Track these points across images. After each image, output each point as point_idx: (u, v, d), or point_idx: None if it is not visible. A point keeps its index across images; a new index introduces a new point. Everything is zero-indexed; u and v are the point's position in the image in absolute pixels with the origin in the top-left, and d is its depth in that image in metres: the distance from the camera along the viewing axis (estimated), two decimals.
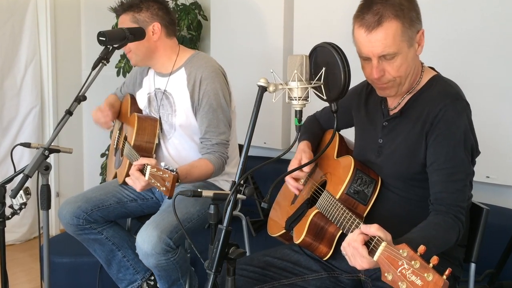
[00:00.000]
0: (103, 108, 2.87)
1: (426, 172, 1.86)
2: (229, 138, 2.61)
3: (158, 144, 2.73)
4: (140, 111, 2.86)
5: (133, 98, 2.93)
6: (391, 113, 1.98)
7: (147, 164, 2.17)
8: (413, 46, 1.84)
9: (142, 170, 2.22)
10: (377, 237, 1.52)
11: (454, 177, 1.80)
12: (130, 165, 2.59)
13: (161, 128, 2.73)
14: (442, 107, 1.81)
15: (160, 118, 2.72)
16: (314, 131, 2.35)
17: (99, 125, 2.91)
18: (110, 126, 2.92)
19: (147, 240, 2.38)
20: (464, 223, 1.80)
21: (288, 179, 2.18)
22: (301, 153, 2.18)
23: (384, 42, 1.78)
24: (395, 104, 1.97)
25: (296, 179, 2.18)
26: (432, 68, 1.99)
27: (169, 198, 2.08)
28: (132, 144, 2.63)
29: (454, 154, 1.80)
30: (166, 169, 2.10)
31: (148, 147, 2.66)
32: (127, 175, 2.58)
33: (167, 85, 2.68)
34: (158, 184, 2.10)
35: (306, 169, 2.16)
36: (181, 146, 2.71)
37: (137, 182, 2.24)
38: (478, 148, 1.89)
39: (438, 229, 1.73)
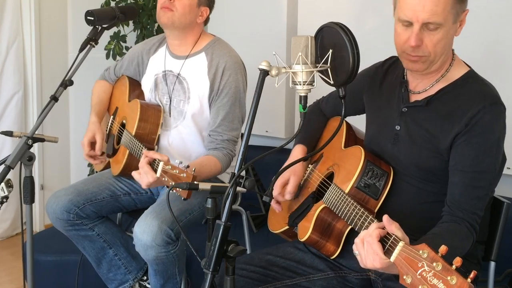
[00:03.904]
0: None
1: (447, 169, 1.86)
2: (239, 135, 2.64)
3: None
4: (141, 93, 2.85)
5: (131, 80, 2.91)
6: (413, 98, 1.97)
7: (159, 160, 2.14)
8: (456, 24, 1.87)
9: (151, 165, 2.19)
10: (394, 235, 1.51)
11: (477, 183, 1.81)
12: (130, 155, 2.62)
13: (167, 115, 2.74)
14: (481, 108, 1.82)
15: (170, 102, 2.71)
16: (314, 127, 2.34)
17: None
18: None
19: (147, 230, 2.38)
20: (478, 232, 1.82)
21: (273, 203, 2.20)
22: (290, 172, 2.17)
23: (434, 9, 1.79)
24: (419, 89, 1.97)
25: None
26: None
27: (185, 199, 2.06)
28: (133, 133, 2.63)
29: (482, 159, 1.81)
30: (182, 167, 2.09)
31: (150, 139, 2.66)
32: (127, 166, 2.61)
33: (182, 69, 2.70)
34: (172, 183, 2.09)
35: (292, 190, 2.17)
36: (187, 138, 2.71)
37: (145, 177, 2.20)
38: (505, 154, 1.91)
39: (454, 237, 1.75)
